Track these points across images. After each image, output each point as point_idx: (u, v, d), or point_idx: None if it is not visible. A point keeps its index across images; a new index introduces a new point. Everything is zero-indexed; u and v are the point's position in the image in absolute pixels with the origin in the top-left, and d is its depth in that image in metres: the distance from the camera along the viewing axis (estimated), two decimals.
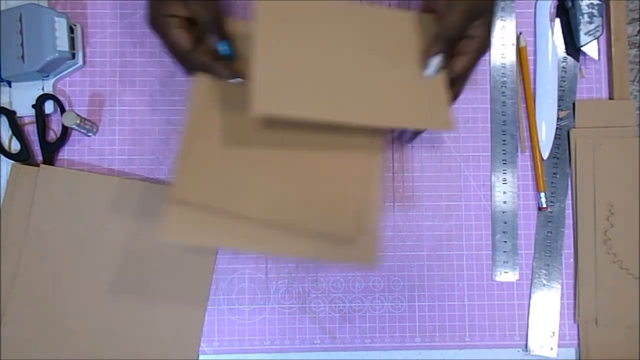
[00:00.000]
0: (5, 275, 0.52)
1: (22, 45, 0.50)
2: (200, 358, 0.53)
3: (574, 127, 0.56)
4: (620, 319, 0.54)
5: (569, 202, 0.56)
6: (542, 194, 0.55)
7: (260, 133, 0.46)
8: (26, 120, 0.54)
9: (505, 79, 0.56)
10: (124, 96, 0.55)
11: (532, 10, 0.57)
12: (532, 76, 0.57)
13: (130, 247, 0.52)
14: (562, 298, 0.55)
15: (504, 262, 0.55)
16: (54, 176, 0.53)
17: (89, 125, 0.53)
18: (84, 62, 0.55)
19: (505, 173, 0.56)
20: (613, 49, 0.56)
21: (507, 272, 0.55)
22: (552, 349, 0.54)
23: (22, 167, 0.53)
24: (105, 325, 0.52)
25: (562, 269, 0.55)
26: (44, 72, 0.52)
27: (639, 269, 0.54)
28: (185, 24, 0.46)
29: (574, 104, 0.56)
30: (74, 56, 0.54)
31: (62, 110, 0.53)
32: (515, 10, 0.57)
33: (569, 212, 0.56)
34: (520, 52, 0.56)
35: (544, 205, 0.55)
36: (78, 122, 0.51)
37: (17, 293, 0.52)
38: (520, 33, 0.57)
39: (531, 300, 0.55)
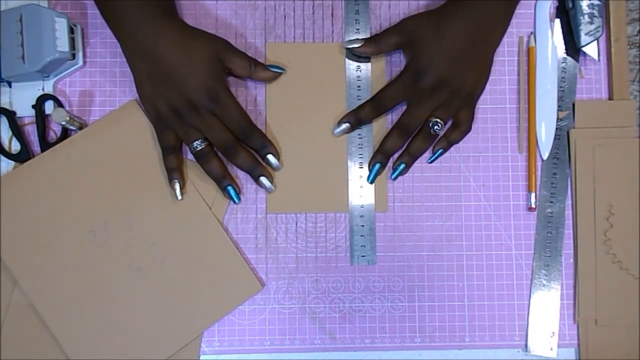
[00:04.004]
0: (5, 276, 0.52)
1: (22, 45, 0.50)
2: (200, 358, 0.53)
3: (574, 128, 0.56)
4: (620, 319, 0.54)
5: (569, 202, 0.56)
6: (532, 194, 0.55)
7: None
8: (26, 120, 0.54)
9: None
10: (124, 96, 0.55)
11: (532, 11, 0.57)
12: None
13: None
14: (562, 298, 0.55)
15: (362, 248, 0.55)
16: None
17: (79, 124, 0.53)
18: (84, 62, 0.55)
19: None
20: (613, 49, 0.56)
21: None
22: (552, 349, 0.54)
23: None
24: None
25: (562, 269, 0.55)
26: (44, 72, 0.52)
27: (639, 269, 0.54)
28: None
29: (573, 104, 0.56)
30: (74, 56, 0.54)
31: None
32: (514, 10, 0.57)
33: (569, 212, 0.56)
34: (529, 52, 0.56)
35: (533, 206, 0.55)
36: (67, 119, 0.51)
37: (17, 293, 0.52)
38: (531, 33, 0.57)
39: (531, 300, 0.55)
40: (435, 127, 0.52)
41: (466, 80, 0.51)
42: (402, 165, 0.54)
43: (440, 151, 0.54)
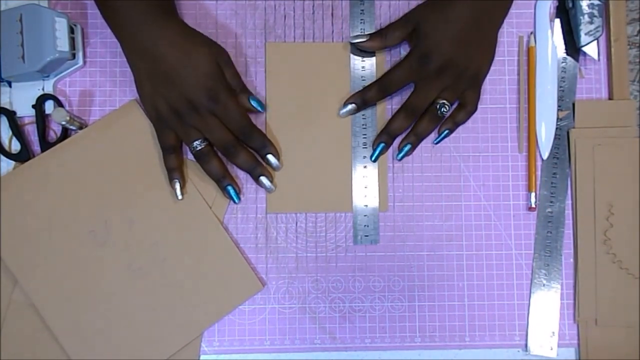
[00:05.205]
0: (5, 276, 0.52)
1: (22, 45, 0.50)
2: (200, 358, 0.53)
3: (574, 127, 0.56)
4: (620, 319, 0.54)
5: (568, 202, 0.56)
6: (532, 194, 0.55)
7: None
8: (26, 120, 0.54)
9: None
10: (124, 96, 0.55)
11: (532, 11, 0.57)
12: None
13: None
14: (562, 298, 0.55)
15: None
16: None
17: (79, 124, 0.53)
18: (84, 62, 0.55)
19: None
20: (613, 49, 0.56)
21: None
22: (552, 349, 0.54)
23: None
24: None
25: (562, 269, 0.55)
26: (44, 72, 0.52)
27: (639, 269, 0.54)
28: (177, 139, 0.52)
29: (573, 104, 0.56)
30: (74, 56, 0.54)
31: None
32: (515, 10, 0.57)
33: (568, 212, 0.56)
34: (529, 51, 0.56)
35: (533, 206, 0.55)
36: (68, 119, 0.51)
37: (17, 292, 0.52)
38: (531, 33, 0.57)
39: (531, 300, 0.55)
40: (443, 109, 0.52)
41: (472, 61, 0.52)
42: (409, 146, 0.54)
43: (446, 132, 0.54)
